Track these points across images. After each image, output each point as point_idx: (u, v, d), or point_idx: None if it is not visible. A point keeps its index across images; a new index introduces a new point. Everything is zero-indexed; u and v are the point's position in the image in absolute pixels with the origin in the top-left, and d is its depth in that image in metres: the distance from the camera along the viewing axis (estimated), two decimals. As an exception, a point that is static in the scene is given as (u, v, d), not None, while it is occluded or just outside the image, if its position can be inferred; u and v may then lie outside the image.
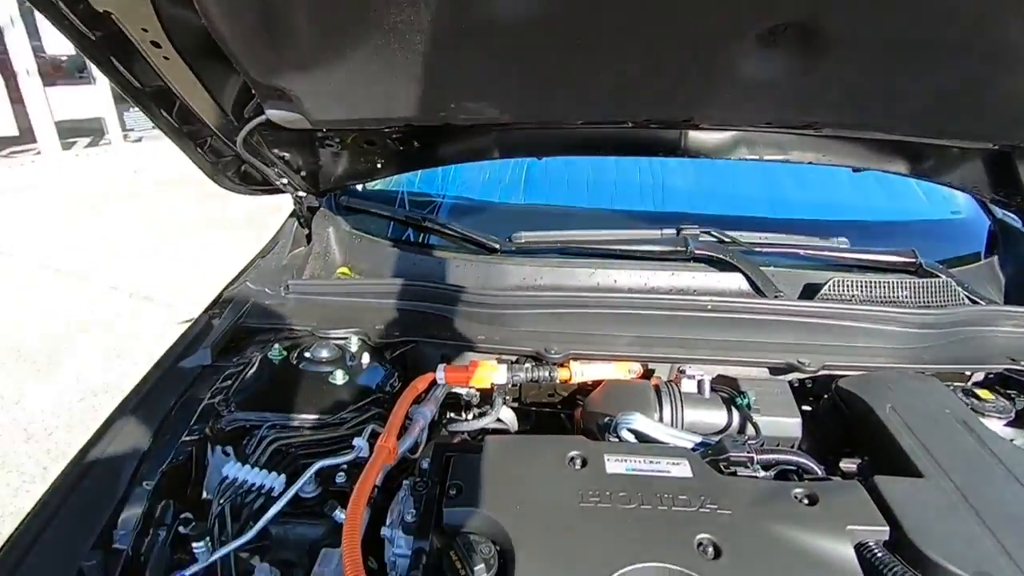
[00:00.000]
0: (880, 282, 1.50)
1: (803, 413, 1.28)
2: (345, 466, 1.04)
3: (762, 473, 1.03)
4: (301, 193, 1.69)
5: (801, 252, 1.58)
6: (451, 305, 1.45)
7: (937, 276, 1.54)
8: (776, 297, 1.46)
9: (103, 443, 1.06)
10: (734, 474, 0.99)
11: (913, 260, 1.55)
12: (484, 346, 1.36)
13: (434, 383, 1.25)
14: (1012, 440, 1.17)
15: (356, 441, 1.06)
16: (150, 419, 1.10)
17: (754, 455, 1.00)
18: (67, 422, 3.13)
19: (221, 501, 0.96)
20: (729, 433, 1.11)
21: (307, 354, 1.27)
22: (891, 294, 1.53)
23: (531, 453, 1.00)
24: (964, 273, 1.66)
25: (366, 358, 1.28)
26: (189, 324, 1.39)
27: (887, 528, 0.87)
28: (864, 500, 0.91)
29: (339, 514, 0.94)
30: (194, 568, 0.87)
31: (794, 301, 1.41)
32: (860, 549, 0.87)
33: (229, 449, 1.10)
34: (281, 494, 0.97)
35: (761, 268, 1.53)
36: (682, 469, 0.97)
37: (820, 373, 1.29)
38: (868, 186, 1.81)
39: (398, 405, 1.14)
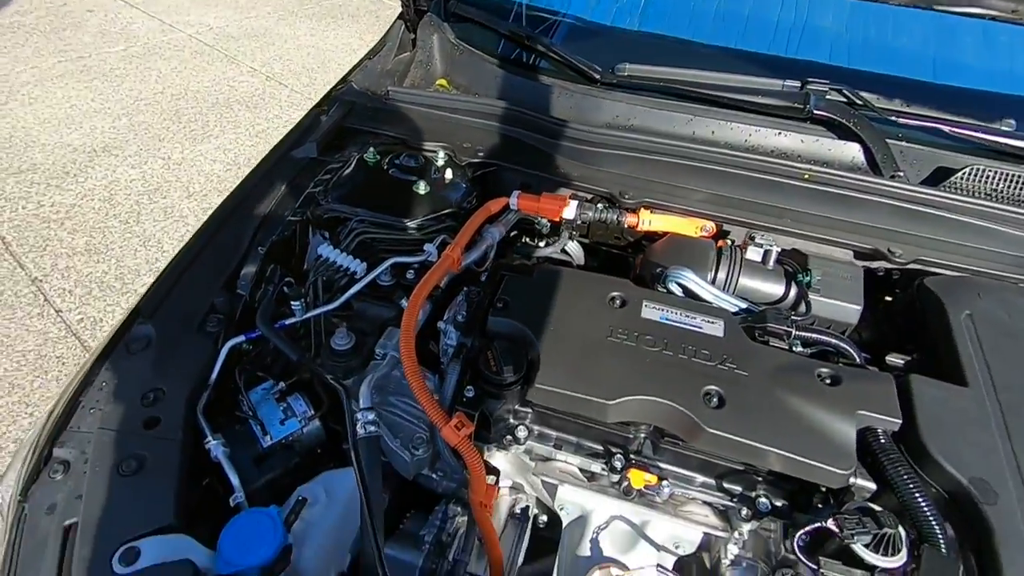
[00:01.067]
0: (1037, 179, 1.29)
1: (876, 304, 1.24)
2: (417, 265, 1.19)
3: (798, 349, 1.06)
4: (411, -7, 1.65)
5: (947, 128, 1.36)
6: (539, 135, 1.45)
7: (1115, 182, 1.29)
8: (893, 177, 1.31)
9: (232, 211, 1.27)
10: (766, 343, 1.02)
11: (1090, 158, 1.29)
12: (563, 180, 1.38)
13: (507, 207, 1.33)
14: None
15: (427, 246, 1.19)
16: (265, 197, 1.29)
17: (793, 330, 1.01)
18: (217, 187, 3.66)
19: (315, 274, 1.16)
20: (778, 306, 1.11)
21: (397, 161, 1.37)
22: (1047, 196, 1.32)
23: (577, 286, 1.08)
24: None
25: (449, 174, 1.36)
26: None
27: (899, 421, 0.89)
28: (888, 391, 0.93)
29: (404, 302, 1.11)
30: (291, 320, 1.10)
31: (906, 184, 1.26)
32: (865, 433, 0.91)
33: (326, 234, 1.28)
34: (362, 278, 1.15)
35: (888, 141, 1.35)
36: (715, 328, 1.01)
37: (910, 266, 1.20)
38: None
39: (470, 221, 1.24)
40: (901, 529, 0.82)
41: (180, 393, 0.96)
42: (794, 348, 1.04)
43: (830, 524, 0.81)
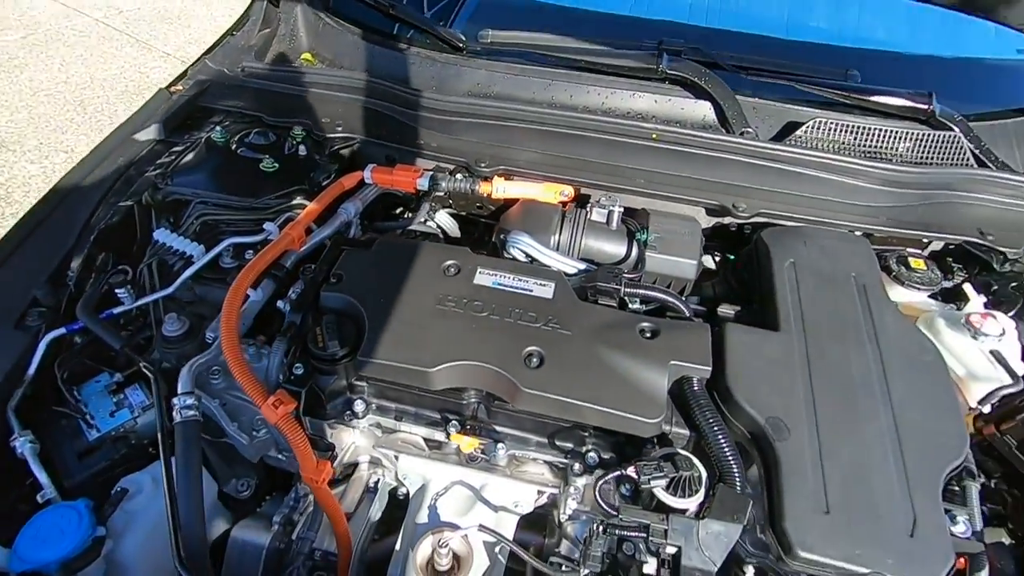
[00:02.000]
0: (871, 129, 1.33)
1: (723, 258, 1.27)
2: (258, 246, 1.16)
3: (637, 306, 1.08)
4: (268, -37, 1.58)
5: (796, 84, 1.38)
6: (402, 107, 1.42)
7: (949, 129, 1.34)
8: (742, 134, 1.33)
9: (63, 198, 1.21)
10: (596, 302, 1.04)
11: (926, 106, 1.33)
12: (423, 151, 1.36)
13: (363, 182, 1.30)
14: (927, 312, 1.13)
15: (267, 225, 1.16)
16: (101, 182, 1.24)
17: (621, 287, 1.03)
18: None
19: (148, 259, 1.12)
20: (617, 265, 1.13)
21: (247, 139, 1.33)
22: (886, 145, 1.36)
23: (413, 257, 1.07)
24: (994, 129, 1.42)
25: (303, 149, 1.33)
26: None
27: (709, 368, 0.92)
28: (702, 341, 0.95)
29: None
30: (120, 309, 1.06)
31: (754, 140, 1.29)
32: (681, 382, 0.93)
33: (171, 219, 1.24)
34: (199, 260, 1.11)
35: (741, 98, 1.37)
36: (545, 290, 1.02)
37: (754, 219, 1.23)
38: (924, 16, 1.47)
39: (319, 197, 1.21)
40: (703, 470, 0.85)
41: (-16, 391, 0.92)
42: (631, 305, 1.07)
43: (630, 471, 0.83)
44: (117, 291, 1.06)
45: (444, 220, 1.44)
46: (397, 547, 0.98)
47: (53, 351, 1.02)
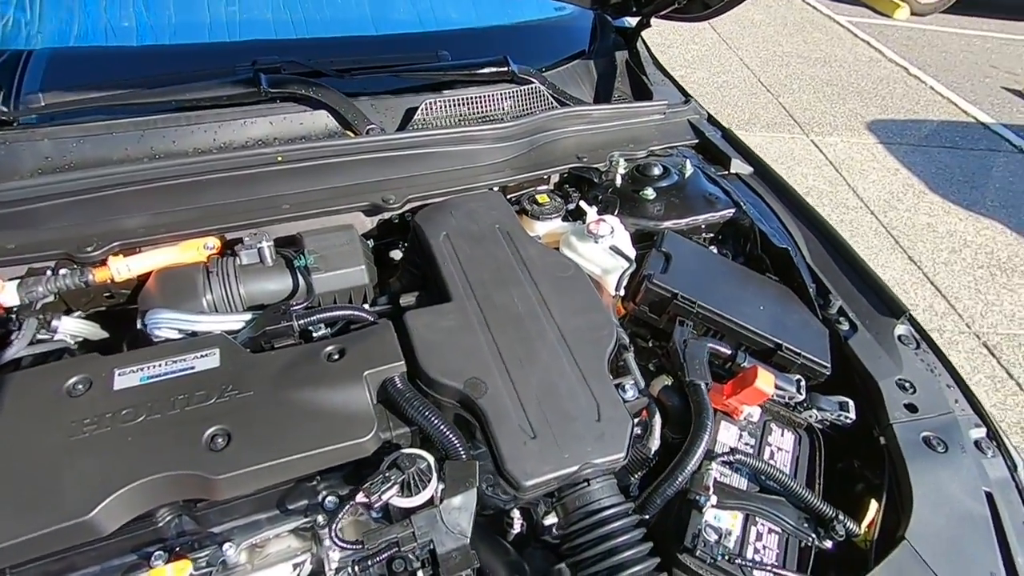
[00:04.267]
0: (472, 97, 1.50)
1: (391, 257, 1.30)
2: None
3: (323, 331, 1.03)
4: None
5: (399, 75, 1.47)
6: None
7: (530, 82, 1.58)
8: (368, 132, 1.37)
9: None
10: (272, 348, 0.97)
11: (505, 68, 1.55)
12: None
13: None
14: (563, 234, 1.34)
15: None
16: None
17: (292, 322, 0.98)
18: None
19: None
20: (274, 304, 1.06)
21: None
22: (491, 108, 1.55)
23: (17, 391, 0.84)
24: (563, 74, 1.74)
25: None
26: None
27: (402, 362, 0.94)
28: (387, 340, 0.96)
29: None
30: None
31: (377, 136, 1.34)
32: (385, 386, 0.93)
33: None
34: None
35: (357, 100, 1.40)
36: (210, 360, 0.91)
37: (406, 208, 1.29)
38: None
39: None
40: (429, 458, 0.87)
41: None
42: (314, 337, 1.02)
43: (360, 498, 0.81)
44: None
45: (75, 327, 1.17)
46: None
47: None
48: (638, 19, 1.76)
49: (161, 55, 1.39)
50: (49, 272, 1.05)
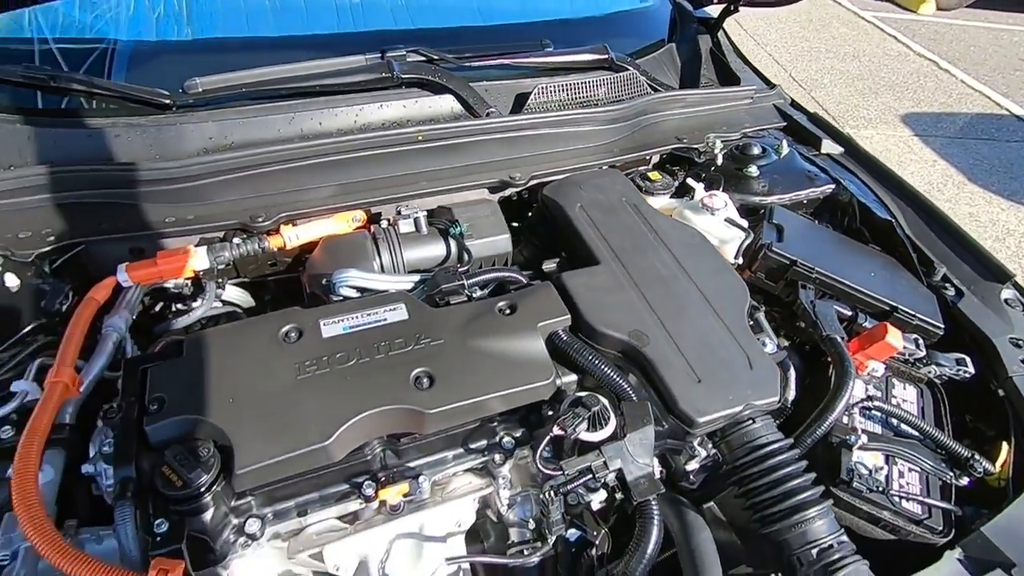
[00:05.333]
0: (579, 83, 1.58)
1: (519, 226, 1.39)
2: (13, 416, 0.88)
3: (478, 294, 1.12)
4: None
5: (508, 61, 1.56)
6: (124, 188, 1.18)
7: (626, 69, 1.67)
8: (488, 115, 1.46)
9: None
10: (448, 304, 1.06)
11: (605, 56, 1.64)
12: (178, 228, 1.17)
13: (119, 287, 1.07)
14: (674, 209, 1.42)
15: (16, 385, 0.88)
16: None
17: (465, 281, 1.07)
18: None
19: None
20: (443, 266, 1.16)
21: (-83, 294, 0.97)
22: (591, 93, 1.63)
23: (240, 339, 0.94)
24: (650, 62, 1.82)
25: (12, 280, 1.03)
26: None
27: (568, 316, 1.03)
28: (551, 297, 1.05)
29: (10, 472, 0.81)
30: None
31: (501, 118, 1.43)
32: (552, 338, 1.02)
33: None
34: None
35: (472, 85, 1.50)
36: (398, 313, 1.00)
37: (531, 184, 1.38)
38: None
39: (71, 325, 0.96)
40: (604, 400, 0.95)
41: None
42: (473, 296, 1.11)
43: (556, 430, 0.90)
44: None
45: (234, 294, 1.28)
46: (365, 639, 0.89)
47: None
48: (723, 7, 1.84)
49: (293, 46, 1.49)
50: (234, 239, 1.15)
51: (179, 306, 1.19)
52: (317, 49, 1.48)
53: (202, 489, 0.79)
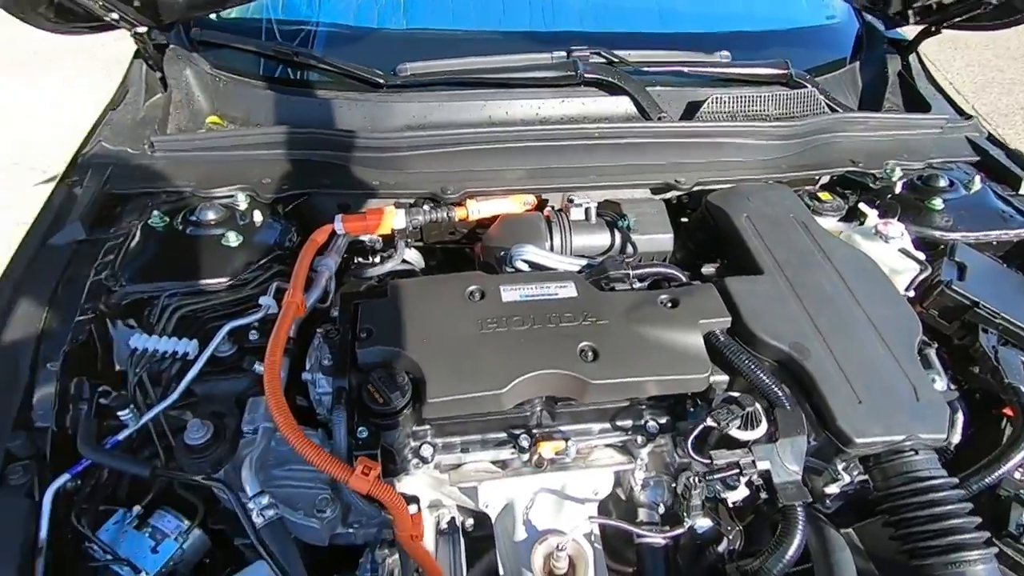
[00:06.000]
0: (754, 96, 1.59)
1: (678, 227, 1.44)
2: (257, 324, 1.09)
3: (638, 285, 1.19)
4: (140, 28, 1.44)
5: (685, 69, 1.60)
6: (342, 151, 1.39)
7: (804, 86, 1.64)
8: (660, 119, 1.52)
9: (-10, 332, 1.02)
10: (612, 289, 1.14)
11: (785, 72, 1.63)
12: (380, 191, 1.35)
13: (333, 234, 1.27)
14: (841, 232, 1.39)
15: (263, 300, 1.09)
16: (35, 302, 1.06)
17: (630, 271, 1.14)
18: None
19: (137, 371, 0.99)
20: (611, 254, 1.24)
21: (192, 217, 1.22)
22: (763, 107, 1.63)
23: (433, 291, 1.08)
24: (829, 81, 1.77)
25: (258, 216, 1.25)
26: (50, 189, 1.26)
27: (729, 318, 1.06)
28: (714, 297, 1.09)
29: (258, 367, 1.01)
30: (125, 433, 0.93)
31: (673, 123, 1.48)
32: (708, 337, 1.07)
33: (132, 322, 1.10)
34: (196, 357, 1.01)
35: (647, 88, 1.56)
36: (568, 291, 1.10)
37: (694, 189, 1.42)
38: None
39: (300, 259, 1.16)
40: (756, 404, 0.98)
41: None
42: (633, 286, 1.18)
43: (709, 422, 0.94)
44: (120, 414, 0.93)
45: (411, 256, 1.44)
46: (501, 573, 1.00)
47: (54, 506, 0.87)
48: (922, 28, 1.74)
49: (489, 40, 1.64)
50: (424, 206, 1.31)
51: (363, 260, 1.39)
52: (510, 44, 1.62)
53: (398, 409, 0.94)
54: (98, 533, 0.90)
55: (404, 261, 1.39)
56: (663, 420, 1.06)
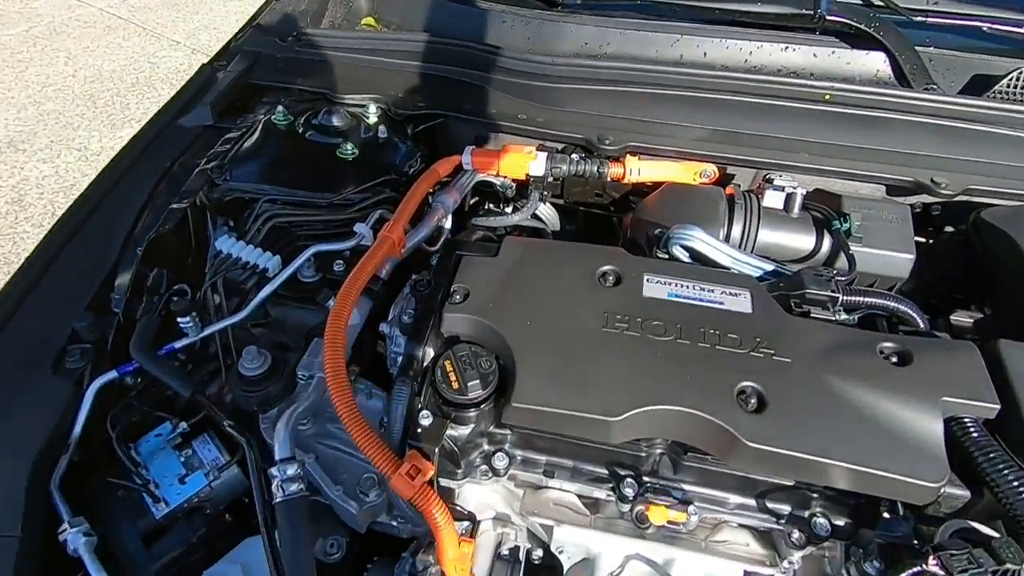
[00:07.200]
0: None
1: (918, 246, 1.01)
2: (347, 253, 0.93)
3: (843, 316, 0.82)
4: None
5: (985, 27, 1.11)
6: (491, 73, 1.16)
7: None
8: (926, 90, 1.07)
9: (99, 202, 0.98)
10: (807, 314, 0.79)
11: None
12: (525, 127, 1.11)
13: (460, 168, 1.06)
14: None
15: (358, 227, 0.92)
16: (143, 181, 1.00)
17: (840, 295, 0.78)
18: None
19: (212, 276, 0.88)
20: (813, 264, 0.88)
21: (315, 121, 1.08)
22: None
23: (556, 261, 0.83)
24: None
25: (383, 131, 1.08)
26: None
27: (998, 405, 0.67)
28: (975, 366, 0.70)
29: (332, 303, 0.84)
30: (183, 342, 0.83)
31: (946, 97, 1.03)
32: (952, 424, 0.69)
33: (231, 222, 1.00)
34: (274, 276, 0.87)
35: (916, 48, 1.11)
36: (740, 302, 0.78)
37: (958, 198, 0.97)
38: None
39: (412, 190, 0.97)
40: (1019, 548, 0.60)
41: (20, 464, 0.69)
42: (839, 316, 0.81)
43: (932, 566, 0.59)
44: (180, 320, 0.82)
45: (545, 212, 1.19)
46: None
47: (103, 401, 0.79)
48: None
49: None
50: (573, 155, 1.04)
51: (493, 206, 1.17)
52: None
53: (475, 401, 0.72)
54: (139, 443, 0.82)
55: (535, 216, 1.15)
56: (840, 522, 0.72)
